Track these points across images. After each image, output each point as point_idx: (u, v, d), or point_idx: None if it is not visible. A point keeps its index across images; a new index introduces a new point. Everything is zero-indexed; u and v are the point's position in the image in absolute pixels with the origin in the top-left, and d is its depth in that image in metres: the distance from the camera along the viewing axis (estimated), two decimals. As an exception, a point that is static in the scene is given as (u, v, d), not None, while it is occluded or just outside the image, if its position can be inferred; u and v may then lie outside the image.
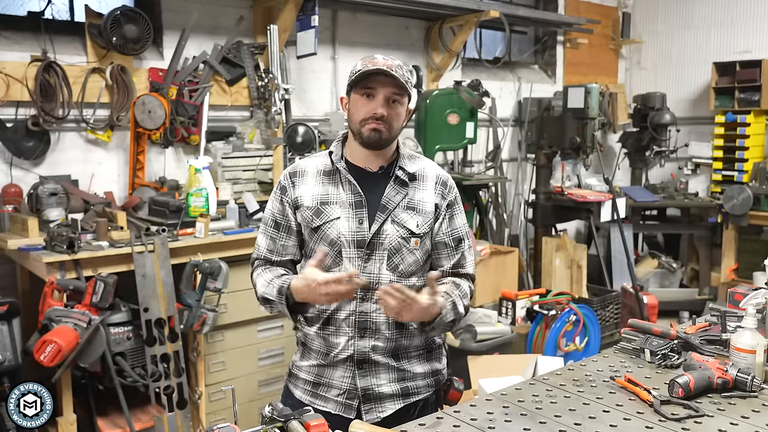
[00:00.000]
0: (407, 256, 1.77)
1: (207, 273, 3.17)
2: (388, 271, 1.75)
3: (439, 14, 5.00)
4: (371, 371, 1.78)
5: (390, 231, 1.75)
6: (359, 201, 1.76)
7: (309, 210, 1.79)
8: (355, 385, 1.78)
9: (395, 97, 1.72)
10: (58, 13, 3.82)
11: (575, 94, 5.16)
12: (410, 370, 1.82)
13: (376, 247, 1.75)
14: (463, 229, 1.86)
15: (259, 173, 4.08)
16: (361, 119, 1.72)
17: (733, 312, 1.97)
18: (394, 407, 1.80)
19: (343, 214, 1.76)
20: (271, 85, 4.11)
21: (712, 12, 6.29)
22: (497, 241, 5.33)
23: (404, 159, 1.82)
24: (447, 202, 1.82)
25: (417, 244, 1.78)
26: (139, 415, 3.19)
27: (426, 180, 1.82)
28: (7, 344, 2.86)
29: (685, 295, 5.82)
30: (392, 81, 1.69)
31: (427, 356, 1.86)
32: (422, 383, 1.85)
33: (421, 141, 4.68)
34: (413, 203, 1.78)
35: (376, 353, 1.77)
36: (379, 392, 1.79)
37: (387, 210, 1.76)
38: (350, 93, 1.76)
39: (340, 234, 1.75)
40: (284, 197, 1.83)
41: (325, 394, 1.81)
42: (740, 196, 5.36)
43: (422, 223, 1.78)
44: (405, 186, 1.79)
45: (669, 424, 1.48)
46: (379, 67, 1.68)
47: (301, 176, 1.83)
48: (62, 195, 3.28)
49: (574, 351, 4.19)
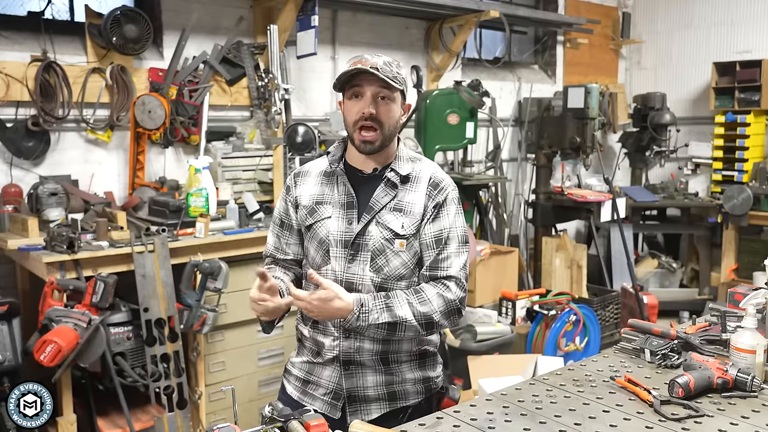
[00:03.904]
0: (392, 258, 1.76)
1: (207, 273, 3.17)
2: (371, 272, 1.75)
3: (439, 14, 5.00)
4: (358, 373, 1.79)
5: (374, 232, 1.75)
6: (351, 201, 1.77)
7: (305, 209, 1.83)
8: (341, 386, 1.79)
9: (384, 93, 1.71)
10: (58, 13, 3.82)
11: (575, 94, 5.16)
12: (399, 375, 1.81)
13: (360, 248, 1.75)
14: (453, 230, 1.78)
15: (259, 173, 4.08)
16: (353, 121, 1.72)
17: (733, 312, 1.97)
18: (379, 410, 1.80)
19: (334, 214, 1.78)
20: (271, 85, 4.11)
21: (712, 12, 6.29)
22: (497, 241, 5.33)
23: (400, 161, 1.81)
24: (434, 203, 1.77)
25: (402, 245, 1.75)
26: (139, 415, 3.19)
27: (419, 182, 1.80)
28: (7, 344, 2.86)
29: (685, 295, 5.82)
30: (377, 78, 1.68)
31: (419, 363, 1.85)
32: (411, 389, 1.83)
33: (421, 141, 4.68)
34: (401, 205, 1.77)
35: (362, 355, 1.77)
36: (365, 395, 1.79)
37: (372, 211, 1.76)
38: (344, 96, 1.77)
39: (329, 233, 1.77)
40: (288, 197, 1.88)
41: (313, 393, 1.83)
42: (740, 196, 5.36)
43: (408, 225, 1.76)
44: (395, 188, 1.78)
45: (669, 424, 1.48)
46: (359, 67, 1.68)
47: (304, 176, 1.87)
48: (62, 195, 3.28)
49: (574, 351, 4.19)
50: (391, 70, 1.70)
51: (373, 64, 1.69)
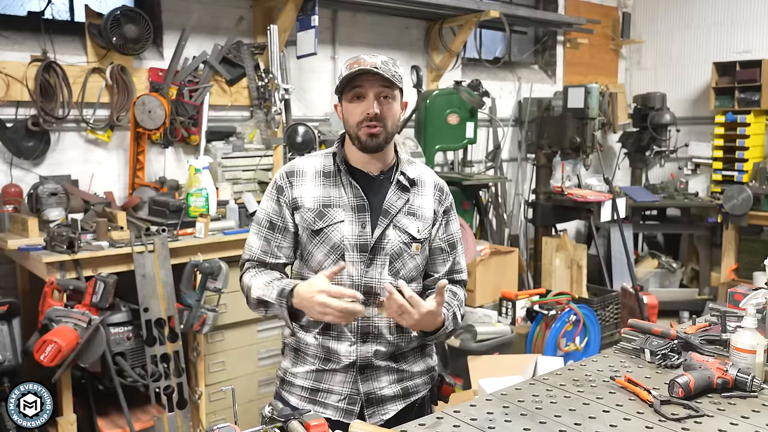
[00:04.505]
0: (408, 261, 1.77)
1: (207, 273, 3.17)
2: (389, 276, 1.74)
3: (439, 14, 5.00)
4: (373, 375, 1.77)
5: (392, 236, 1.74)
6: (362, 205, 1.74)
7: (311, 212, 1.75)
8: (357, 390, 1.76)
9: (385, 92, 1.70)
10: (58, 13, 3.82)
11: (575, 94, 5.16)
12: (408, 370, 1.82)
13: (378, 252, 1.74)
14: (456, 235, 1.87)
15: (259, 173, 4.08)
16: (357, 122, 1.70)
17: (733, 312, 1.97)
18: (396, 408, 1.79)
19: (347, 218, 1.74)
20: (271, 85, 4.12)
21: (712, 12, 6.29)
22: (497, 241, 5.33)
23: (405, 164, 1.82)
24: (444, 208, 1.84)
25: (418, 249, 1.78)
26: (139, 415, 3.19)
27: (424, 186, 1.82)
28: (7, 344, 2.86)
29: (685, 295, 5.82)
30: (379, 77, 1.67)
31: (421, 353, 1.86)
32: (420, 381, 1.85)
33: (421, 141, 4.67)
34: (413, 209, 1.78)
35: (378, 358, 1.76)
36: (382, 395, 1.77)
37: (389, 215, 1.75)
38: (341, 98, 1.74)
39: (344, 237, 1.73)
40: (281, 197, 1.78)
41: (325, 400, 1.77)
42: (740, 196, 5.36)
43: (422, 229, 1.78)
44: (406, 191, 1.79)
45: (669, 424, 1.48)
46: (363, 68, 1.66)
47: (300, 176, 1.78)
48: (62, 195, 3.28)
49: (574, 351, 4.19)
50: (389, 69, 1.69)
51: (373, 63, 1.67)
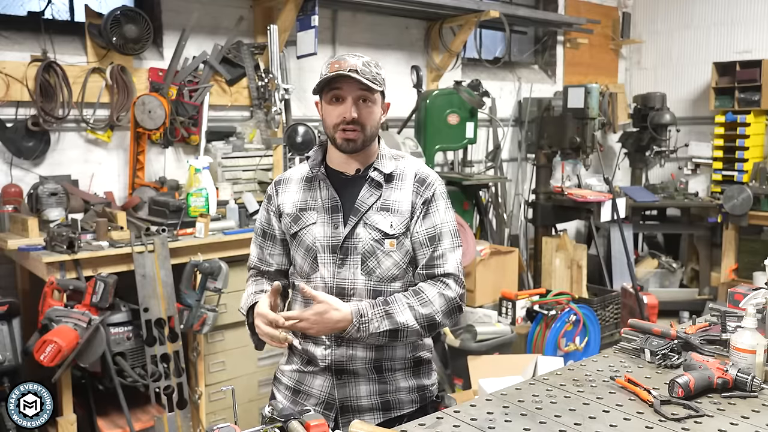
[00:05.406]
0: (383, 259, 1.71)
1: (207, 273, 3.17)
2: (362, 276, 1.71)
3: (439, 14, 5.00)
4: (350, 382, 1.75)
5: (363, 234, 1.71)
6: (335, 205, 1.73)
7: (289, 217, 1.79)
8: (333, 396, 1.75)
9: (365, 95, 1.67)
10: (58, 13, 3.82)
11: (575, 94, 5.16)
12: (393, 384, 1.77)
13: (349, 252, 1.71)
14: (444, 226, 1.74)
15: (259, 173, 4.08)
16: (334, 124, 1.69)
17: (733, 312, 1.97)
18: (373, 421, 1.74)
19: (319, 219, 1.74)
20: (271, 85, 4.12)
21: (712, 12, 6.29)
22: (497, 241, 5.33)
23: (383, 160, 1.77)
24: (423, 199, 1.73)
25: (393, 245, 1.71)
26: (139, 415, 3.19)
27: (404, 179, 1.75)
28: (7, 344, 2.86)
29: (685, 295, 5.82)
30: (358, 82, 1.64)
31: (413, 371, 1.81)
32: (406, 398, 1.79)
33: (421, 141, 4.67)
34: (388, 204, 1.73)
35: (355, 363, 1.74)
36: (358, 405, 1.75)
37: (359, 213, 1.72)
38: (321, 97, 1.72)
39: (315, 239, 1.73)
40: (269, 206, 1.84)
41: (304, 402, 1.77)
42: (740, 196, 5.36)
43: (397, 224, 1.71)
44: (379, 187, 1.74)
45: (669, 424, 1.48)
46: (340, 72, 1.63)
47: (286, 184, 1.83)
48: (62, 195, 3.28)
49: (574, 351, 4.19)
50: (370, 71, 1.66)
51: (353, 65, 1.64)
